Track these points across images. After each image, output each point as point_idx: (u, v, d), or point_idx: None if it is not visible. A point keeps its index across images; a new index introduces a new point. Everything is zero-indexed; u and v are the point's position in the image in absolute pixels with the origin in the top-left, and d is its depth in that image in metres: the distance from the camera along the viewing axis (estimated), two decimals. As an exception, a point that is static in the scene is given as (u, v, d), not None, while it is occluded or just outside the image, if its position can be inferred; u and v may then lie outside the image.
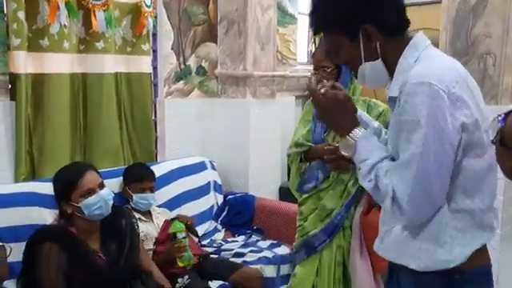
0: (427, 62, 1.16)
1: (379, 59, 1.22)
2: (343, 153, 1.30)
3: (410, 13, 1.29)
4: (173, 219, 2.40)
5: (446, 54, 1.31)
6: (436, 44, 2.94)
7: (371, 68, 1.24)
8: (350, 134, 1.25)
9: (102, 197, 1.96)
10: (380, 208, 1.34)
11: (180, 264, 2.32)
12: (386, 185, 1.16)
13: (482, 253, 1.20)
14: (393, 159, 1.21)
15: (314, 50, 4.41)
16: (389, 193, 1.15)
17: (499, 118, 0.72)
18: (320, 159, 2.09)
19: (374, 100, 2.18)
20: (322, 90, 1.28)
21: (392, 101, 1.22)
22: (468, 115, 1.10)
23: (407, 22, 1.25)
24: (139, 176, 2.55)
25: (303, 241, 2.18)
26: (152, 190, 2.58)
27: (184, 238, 2.33)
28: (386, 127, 2.05)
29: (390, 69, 1.24)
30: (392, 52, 1.22)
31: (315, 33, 1.30)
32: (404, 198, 1.12)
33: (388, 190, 1.16)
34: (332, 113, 1.28)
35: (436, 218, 1.17)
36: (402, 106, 1.13)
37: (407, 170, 1.12)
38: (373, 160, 1.20)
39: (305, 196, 2.20)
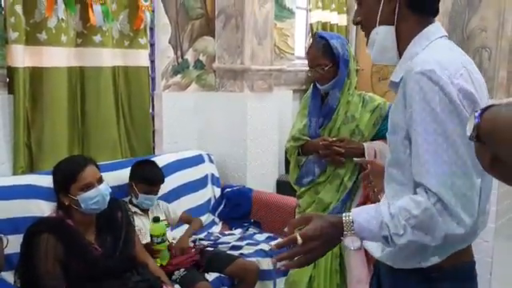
0: (433, 50, 1.14)
1: (393, 26, 1.19)
2: (351, 248, 1.09)
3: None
4: (154, 219, 2.36)
5: None
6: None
7: (383, 34, 1.20)
8: (344, 233, 1.08)
9: (100, 191, 1.98)
10: (375, 202, 1.32)
11: (157, 262, 2.31)
12: (423, 210, 1.03)
13: (462, 250, 1.15)
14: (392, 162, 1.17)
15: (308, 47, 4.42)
16: (433, 211, 1.02)
17: (475, 113, 0.73)
18: (316, 153, 2.11)
19: (369, 94, 2.19)
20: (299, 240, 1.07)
21: (394, 85, 1.20)
22: (469, 106, 1.06)
23: (435, 9, 1.21)
24: (150, 180, 2.52)
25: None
26: (158, 192, 2.57)
27: (159, 242, 2.31)
28: (384, 120, 2.09)
29: (400, 48, 1.20)
30: (407, 27, 1.18)
31: None
32: (448, 193, 1.01)
33: (431, 210, 1.02)
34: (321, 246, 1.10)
35: None
36: (411, 96, 1.08)
37: (437, 163, 1.03)
38: (385, 217, 1.06)
39: (303, 189, 2.22)
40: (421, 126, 1.05)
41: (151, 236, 2.33)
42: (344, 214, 1.09)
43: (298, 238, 1.06)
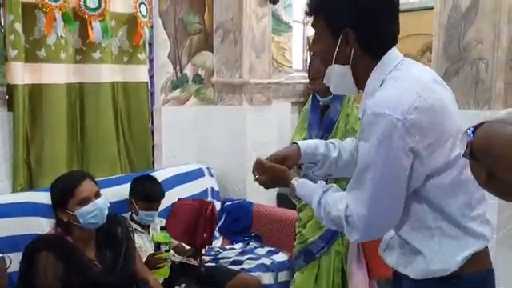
0: (389, 87, 1.17)
1: (348, 66, 1.24)
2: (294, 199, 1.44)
3: (404, 18, 1.30)
4: (162, 228, 2.36)
5: (439, 60, 1.33)
6: (429, 49, 2.97)
7: (338, 71, 1.26)
8: (290, 191, 1.38)
9: (98, 206, 1.97)
10: None
11: (155, 275, 2.27)
12: (337, 216, 1.22)
13: (480, 257, 1.21)
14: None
15: (309, 59, 4.44)
16: (342, 221, 1.21)
17: (468, 131, 0.73)
18: None
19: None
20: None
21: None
22: (418, 141, 1.12)
23: (391, 46, 1.24)
24: (150, 197, 2.50)
25: (302, 248, 2.19)
26: (158, 208, 2.55)
27: (167, 250, 2.29)
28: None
29: (358, 81, 1.26)
30: (363, 68, 1.23)
31: (307, 13, 1.30)
32: (361, 221, 1.18)
33: (341, 220, 1.21)
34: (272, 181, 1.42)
35: (424, 230, 1.20)
36: (361, 132, 1.19)
37: (362, 194, 1.18)
38: (314, 203, 1.30)
39: (303, 202, 2.20)
40: (359, 159, 1.20)
41: (158, 244, 2.30)
42: (294, 180, 1.36)
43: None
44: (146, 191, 2.51)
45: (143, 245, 2.44)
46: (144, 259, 2.32)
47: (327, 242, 2.13)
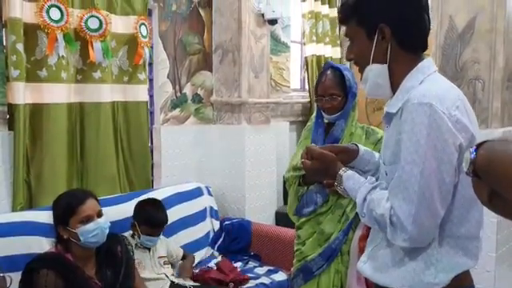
0: (430, 85, 1.19)
1: (386, 65, 1.25)
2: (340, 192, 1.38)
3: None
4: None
5: None
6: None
7: (376, 72, 1.26)
8: (337, 180, 1.35)
9: (100, 225, 1.97)
10: None
11: None
12: (381, 215, 1.18)
13: (465, 276, 1.22)
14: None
15: (309, 76, 4.48)
16: (386, 220, 1.17)
17: (471, 149, 0.75)
18: (319, 183, 2.10)
19: (372, 127, 2.21)
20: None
21: (388, 117, 1.25)
22: (466, 138, 1.13)
23: (425, 45, 1.27)
24: (154, 223, 2.48)
25: (301, 265, 2.18)
26: (160, 233, 2.54)
27: None
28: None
29: (393, 84, 1.26)
30: (400, 65, 1.24)
31: (340, 21, 1.33)
32: (408, 219, 1.13)
33: (385, 218, 1.17)
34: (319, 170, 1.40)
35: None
36: (402, 126, 1.15)
37: (408, 191, 1.13)
38: (359, 197, 1.26)
39: (303, 220, 2.19)
40: (403, 154, 1.15)
41: None
42: (342, 170, 1.33)
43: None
44: (151, 217, 2.50)
45: (143, 260, 2.43)
46: (143, 276, 2.32)
47: (327, 259, 2.12)
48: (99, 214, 2.01)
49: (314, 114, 2.22)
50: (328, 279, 2.12)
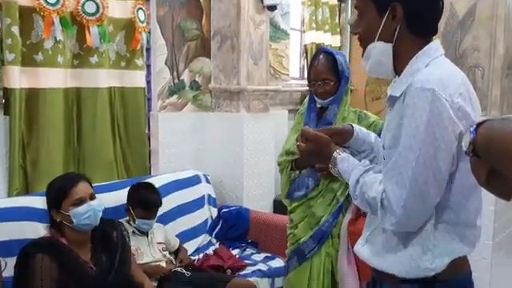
0: (435, 68, 1.16)
1: (391, 44, 1.22)
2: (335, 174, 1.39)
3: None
4: None
5: None
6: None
7: (380, 50, 1.23)
8: (331, 162, 1.34)
9: (92, 207, 1.97)
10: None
11: None
12: (373, 198, 1.18)
13: (463, 262, 1.22)
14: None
15: (308, 63, 4.46)
16: (378, 203, 1.17)
17: (471, 128, 0.74)
18: (311, 167, 2.10)
19: (364, 111, 2.21)
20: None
21: (391, 100, 1.23)
22: (467, 126, 1.10)
23: (435, 30, 1.25)
24: (147, 205, 2.48)
25: (294, 248, 2.20)
26: (155, 216, 2.54)
27: None
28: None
29: (397, 65, 1.23)
30: (406, 47, 1.21)
31: None
32: (399, 204, 1.13)
33: (377, 201, 1.17)
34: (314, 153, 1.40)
35: (423, 226, 1.18)
36: (404, 109, 1.14)
37: (402, 176, 1.13)
38: (352, 179, 1.26)
39: (295, 204, 2.21)
40: (402, 139, 1.14)
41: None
42: (336, 152, 1.33)
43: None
44: (144, 199, 2.50)
45: (140, 247, 2.43)
46: (142, 262, 2.32)
47: (318, 242, 2.14)
48: (92, 197, 2.01)
49: (307, 99, 2.22)
50: (319, 262, 2.15)
